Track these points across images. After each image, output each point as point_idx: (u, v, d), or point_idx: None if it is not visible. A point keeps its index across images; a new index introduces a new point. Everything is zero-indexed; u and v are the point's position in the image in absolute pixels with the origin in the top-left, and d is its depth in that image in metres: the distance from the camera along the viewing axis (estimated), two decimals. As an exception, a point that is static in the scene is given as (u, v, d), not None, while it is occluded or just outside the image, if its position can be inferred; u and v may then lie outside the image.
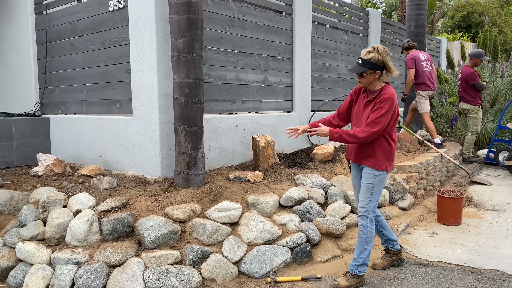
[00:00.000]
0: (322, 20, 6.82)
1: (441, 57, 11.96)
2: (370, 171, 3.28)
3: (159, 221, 3.53)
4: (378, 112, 3.15)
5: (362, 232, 3.29)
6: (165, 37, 4.37)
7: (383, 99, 3.16)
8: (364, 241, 3.29)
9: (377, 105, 3.17)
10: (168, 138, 4.47)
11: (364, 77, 3.23)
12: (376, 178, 3.27)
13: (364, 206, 3.29)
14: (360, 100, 3.38)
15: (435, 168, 6.25)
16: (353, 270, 3.31)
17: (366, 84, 3.29)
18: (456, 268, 3.65)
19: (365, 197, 3.29)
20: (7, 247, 3.76)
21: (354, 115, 3.43)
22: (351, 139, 3.18)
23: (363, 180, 3.32)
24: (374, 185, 3.27)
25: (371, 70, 3.19)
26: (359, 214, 3.32)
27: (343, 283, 3.27)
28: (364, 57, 3.20)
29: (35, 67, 6.02)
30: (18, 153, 5.48)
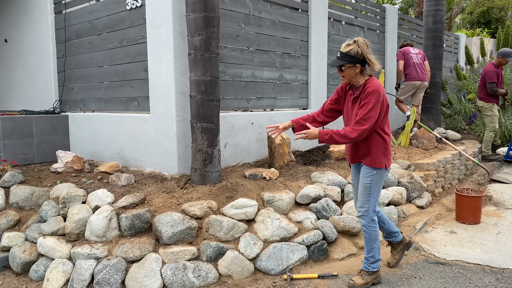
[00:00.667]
0: (338, 16, 6.78)
1: (460, 53, 11.76)
2: (367, 170, 3.20)
3: (177, 217, 3.56)
4: (365, 108, 3.01)
5: (365, 232, 3.26)
6: (182, 35, 4.40)
7: (368, 93, 3.02)
8: (369, 240, 3.26)
9: (363, 100, 3.04)
10: (184, 135, 4.51)
11: (343, 71, 3.10)
12: (374, 176, 3.18)
13: (363, 206, 3.23)
14: (348, 98, 3.25)
15: (453, 166, 6.17)
16: (366, 267, 3.30)
17: (348, 80, 3.15)
18: (475, 267, 3.60)
19: (363, 197, 3.22)
20: (28, 241, 3.85)
21: (344, 114, 3.33)
22: (343, 139, 3.05)
23: (361, 179, 3.24)
24: (372, 184, 3.19)
25: (350, 64, 3.05)
26: (359, 214, 3.27)
27: (359, 281, 3.26)
28: (343, 50, 3.07)
29: (54, 66, 6.13)
30: (38, 150, 5.59)
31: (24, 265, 3.65)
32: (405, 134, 6.59)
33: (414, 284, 3.30)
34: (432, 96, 8.08)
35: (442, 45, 8.11)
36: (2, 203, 4.24)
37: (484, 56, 9.87)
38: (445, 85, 9.39)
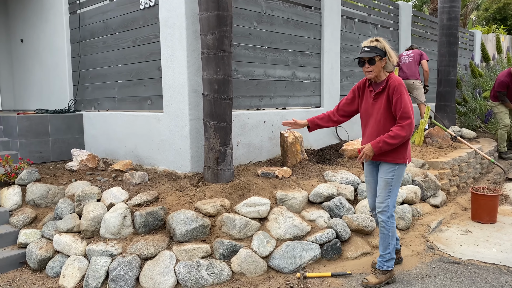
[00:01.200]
0: (351, 14, 6.73)
1: (475, 50, 11.59)
2: (389, 165, 3.21)
3: (190, 215, 3.59)
4: (401, 101, 3.07)
5: (384, 228, 3.24)
6: (195, 34, 4.42)
7: (395, 87, 3.10)
8: (387, 236, 3.25)
9: (395, 95, 3.09)
10: (197, 134, 4.53)
11: (374, 63, 3.14)
12: (396, 172, 3.20)
13: (383, 201, 3.23)
14: (367, 95, 3.29)
15: (468, 164, 6.08)
16: (381, 266, 3.28)
17: (376, 73, 3.18)
18: (491, 267, 3.55)
19: (384, 192, 3.23)
20: (45, 238, 3.91)
21: (363, 112, 3.35)
22: (396, 140, 3.08)
23: (382, 175, 3.24)
24: (393, 179, 3.21)
25: (380, 56, 3.14)
26: (378, 210, 3.26)
27: (373, 280, 3.24)
28: (371, 44, 3.16)
29: (69, 65, 6.20)
30: (53, 149, 5.67)
31: (40, 262, 3.71)
32: (419, 133, 6.52)
33: (429, 284, 3.27)
34: (446, 94, 7.98)
35: (457, 42, 7.99)
36: (19, 200, 4.32)
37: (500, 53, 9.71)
38: (460, 82, 9.26)
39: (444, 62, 7.94)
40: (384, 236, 3.26)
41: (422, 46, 8.86)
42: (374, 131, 3.24)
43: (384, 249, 3.28)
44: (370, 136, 3.28)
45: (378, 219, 3.27)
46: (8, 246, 3.99)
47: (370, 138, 3.26)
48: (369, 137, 3.28)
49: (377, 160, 3.27)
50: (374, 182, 3.41)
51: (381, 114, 3.19)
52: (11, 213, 4.24)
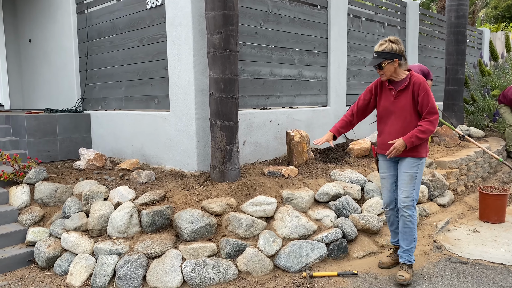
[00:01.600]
0: (358, 12, 6.70)
1: (484, 49, 11.49)
2: (413, 160, 3.28)
3: (196, 214, 3.60)
4: (427, 97, 3.19)
5: (410, 222, 3.30)
6: (201, 34, 4.43)
7: (419, 84, 3.20)
8: (413, 230, 3.31)
9: (421, 92, 3.20)
10: (204, 133, 4.54)
11: (383, 68, 3.25)
12: (420, 166, 3.30)
13: (409, 195, 3.29)
14: (387, 94, 3.37)
15: (476, 163, 6.04)
16: (409, 260, 3.35)
17: (388, 76, 3.30)
18: (499, 267, 3.52)
19: (409, 187, 3.29)
20: (53, 237, 3.94)
21: (382, 110, 3.40)
22: (426, 135, 3.19)
23: (406, 170, 3.30)
24: (417, 173, 3.30)
25: (389, 60, 3.22)
26: (404, 205, 3.29)
27: (407, 275, 3.27)
28: (378, 50, 3.26)
29: (76, 65, 6.24)
30: (61, 148, 5.71)
31: (48, 260, 3.74)
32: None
33: (436, 284, 3.25)
34: (454, 93, 7.92)
35: (465, 40, 7.93)
36: (28, 199, 4.36)
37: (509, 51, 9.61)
38: (468, 81, 9.18)
39: (452, 61, 7.88)
40: (409, 230, 3.32)
41: (430, 45, 8.81)
42: (400, 127, 3.30)
43: (409, 243, 3.34)
44: (392, 133, 3.33)
45: (404, 214, 3.31)
46: (16, 244, 4.04)
47: (394, 135, 3.31)
48: (392, 134, 3.33)
49: (402, 156, 3.32)
50: (392, 177, 3.45)
51: (406, 111, 3.27)
52: (20, 211, 4.28)
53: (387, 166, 3.47)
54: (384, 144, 3.42)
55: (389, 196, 3.49)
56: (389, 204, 3.51)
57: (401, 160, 3.34)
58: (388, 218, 3.56)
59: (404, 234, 3.33)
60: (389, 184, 3.48)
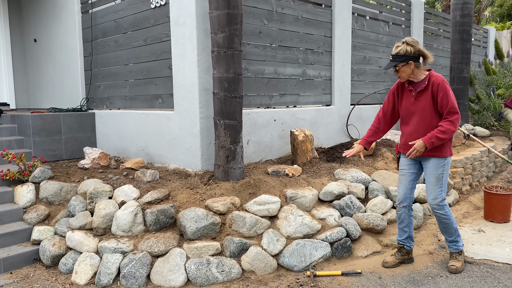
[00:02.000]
0: (362, 11, 6.68)
1: (489, 47, 11.43)
2: (438, 161, 3.30)
3: (200, 213, 3.60)
4: (447, 97, 3.19)
5: (446, 218, 3.36)
6: (205, 33, 4.43)
7: (438, 84, 3.21)
8: (451, 223, 3.39)
9: (440, 91, 3.20)
10: (208, 132, 4.54)
11: (399, 71, 3.29)
12: (445, 166, 3.33)
13: (437, 197, 3.33)
14: (407, 94, 3.38)
15: (481, 163, 6.01)
16: (457, 248, 3.47)
17: (406, 77, 3.33)
18: (504, 267, 3.51)
19: (436, 188, 3.32)
20: (58, 235, 3.96)
21: (403, 111, 3.43)
22: (447, 135, 3.19)
23: (431, 172, 3.32)
24: (443, 174, 3.33)
25: (403, 62, 3.25)
26: (434, 207, 3.35)
27: (458, 264, 3.39)
28: (393, 53, 3.30)
29: (81, 64, 6.27)
30: (66, 147, 5.74)
31: (53, 258, 3.76)
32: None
33: (440, 283, 3.24)
34: (459, 92, 7.88)
35: (470, 39, 7.89)
36: (33, 198, 4.38)
37: (515, 50, 9.55)
38: (473, 80, 9.14)
39: (457, 60, 7.84)
40: (447, 225, 3.39)
41: (435, 44, 8.77)
42: (421, 128, 3.31)
43: (451, 235, 3.43)
44: (414, 133, 3.35)
45: (436, 214, 3.38)
46: (22, 242, 4.06)
47: (416, 136, 3.34)
48: (413, 134, 3.36)
49: (425, 156, 3.34)
50: (411, 175, 3.49)
51: (427, 111, 3.29)
52: (25, 210, 4.31)
53: (408, 164, 3.49)
54: (406, 145, 3.45)
55: (405, 193, 3.52)
56: (403, 201, 3.53)
57: (425, 161, 3.37)
58: (399, 215, 3.57)
59: (444, 229, 3.42)
60: (406, 181, 3.50)
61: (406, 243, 3.58)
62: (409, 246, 3.59)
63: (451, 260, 3.46)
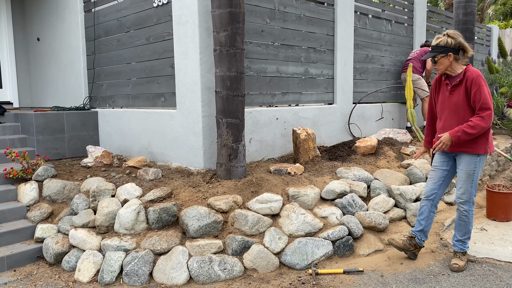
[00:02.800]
0: (365, 10, 6.67)
1: (492, 46, 11.39)
2: (470, 157, 3.29)
3: (203, 211, 3.62)
4: (480, 92, 3.15)
5: (466, 216, 3.37)
6: (207, 31, 4.44)
7: (473, 79, 3.18)
8: (468, 223, 3.39)
9: (473, 87, 3.18)
10: (210, 130, 4.55)
11: (437, 62, 3.28)
12: (477, 163, 3.30)
13: (465, 192, 3.33)
14: (443, 88, 3.39)
15: (484, 162, 6.00)
16: (462, 248, 3.47)
17: (443, 70, 3.32)
18: (506, 265, 3.51)
19: (466, 184, 3.32)
20: (61, 233, 3.98)
21: (440, 105, 3.42)
22: (475, 130, 3.15)
23: (463, 168, 3.32)
24: (475, 171, 3.30)
25: (443, 53, 3.24)
26: (460, 201, 3.35)
27: (461, 263, 3.40)
28: (433, 44, 3.30)
29: (84, 63, 6.29)
30: (69, 145, 5.76)
31: (56, 256, 3.78)
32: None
33: (442, 281, 3.24)
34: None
35: (473, 37, 7.86)
36: (36, 196, 4.40)
37: (518, 48, 9.52)
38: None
39: (460, 58, 7.82)
40: (465, 223, 3.40)
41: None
42: (453, 123, 3.31)
43: (463, 234, 3.44)
44: (446, 128, 3.36)
45: (460, 208, 3.39)
46: (25, 240, 4.09)
47: (447, 130, 3.33)
48: (446, 129, 3.36)
49: (456, 151, 3.34)
50: (442, 172, 3.48)
51: (459, 106, 3.27)
52: (28, 208, 4.33)
53: (441, 161, 3.49)
54: (437, 139, 3.45)
55: (432, 188, 3.52)
56: (429, 195, 3.54)
57: (458, 157, 3.37)
58: (421, 207, 3.59)
59: (459, 226, 3.43)
60: (437, 177, 3.51)
61: (418, 235, 3.59)
62: (420, 240, 3.59)
63: (454, 259, 3.47)
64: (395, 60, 7.41)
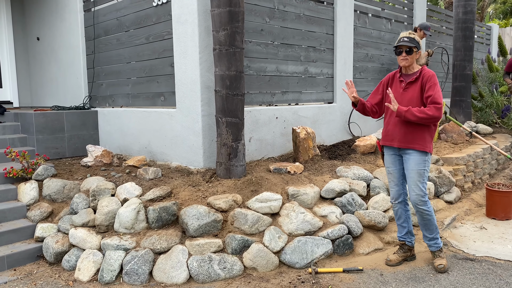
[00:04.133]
0: (364, 9, 6.67)
1: (492, 44, 11.38)
2: (419, 156, 3.30)
3: (202, 210, 3.62)
4: (433, 88, 3.22)
5: (428, 215, 3.37)
6: (207, 31, 4.44)
7: (429, 77, 3.26)
8: (432, 219, 3.39)
9: (428, 83, 3.25)
10: (210, 129, 4.56)
11: (411, 54, 3.33)
12: (426, 162, 3.33)
13: (419, 192, 3.33)
14: (396, 85, 3.44)
15: (484, 160, 6.00)
16: (438, 246, 3.46)
17: (408, 64, 3.36)
18: (506, 264, 3.51)
19: (419, 183, 3.32)
20: (61, 232, 3.99)
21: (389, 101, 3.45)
22: (421, 115, 3.19)
23: (413, 167, 3.32)
24: (425, 169, 3.33)
25: (416, 49, 3.33)
26: (417, 202, 3.34)
27: (444, 261, 3.39)
28: (410, 36, 3.33)
29: (84, 62, 6.29)
30: (69, 145, 5.77)
31: (56, 255, 3.79)
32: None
33: (442, 280, 3.25)
34: (462, 89, 7.86)
35: (473, 36, 7.86)
36: (36, 195, 4.41)
37: (518, 47, 9.51)
38: (476, 77, 9.11)
39: (460, 57, 7.82)
40: (429, 221, 3.40)
41: (437, 41, 8.74)
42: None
43: (432, 232, 3.44)
44: (398, 124, 3.36)
45: (419, 210, 3.37)
46: (25, 239, 4.09)
47: (399, 127, 3.35)
48: (397, 125, 3.36)
49: (405, 147, 3.34)
50: (398, 171, 3.50)
51: (413, 103, 3.31)
52: (28, 207, 4.34)
53: (392, 161, 3.50)
54: (387, 135, 3.46)
55: (397, 190, 3.53)
56: (397, 198, 3.55)
57: (406, 155, 3.36)
58: (395, 211, 3.59)
59: (425, 226, 3.42)
60: (396, 178, 3.52)
61: (406, 238, 3.59)
62: (410, 242, 3.60)
63: (436, 259, 3.43)
64: (395, 59, 7.41)
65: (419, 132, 3.30)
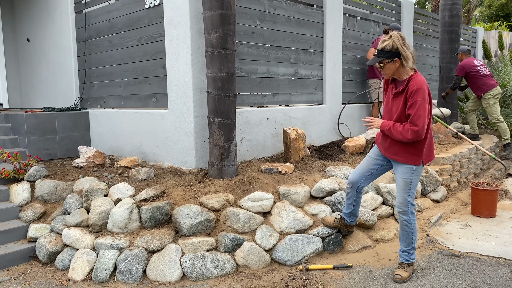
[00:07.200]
0: (353, 12, 6.80)
1: (477, 47, 11.62)
2: (405, 167, 3.23)
3: (195, 209, 3.68)
4: (413, 108, 3.03)
5: (407, 226, 3.28)
6: (199, 33, 4.51)
7: (412, 92, 3.04)
8: (410, 234, 3.30)
9: (410, 100, 3.06)
10: (202, 130, 4.62)
11: (383, 67, 3.14)
12: (414, 173, 3.22)
13: (402, 201, 3.26)
14: (390, 91, 3.30)
15: (469, 160, 6.15)
16: (407, 260, 3.34)
17: (390, 75, 3.18)
18: (489, 259, 3.63)
19: (403, 192, 3.24)
20: (54, 233, 4.01)
21: (385, 105, 3.39)
22: (398, 136, 3.11)
23: (401, 176, 3.25)
24: (412, 180, 3.23)
25: (388, 59, 3.09)
26: (399, 210, 3.29)
27: (405, 274, 3.26)
28: (379, 48, 3.12)
29: (75, 64, 6.30)
30: (60, 146, 5.78)
31: (50, 255, 3.81)
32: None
33: (428, 276, 3.35)
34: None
35: (459, 39, 8.04)
36: (28, 196, 4.42)
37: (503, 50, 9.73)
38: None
39: (446, 59, 7.99)
40: (407, 233, 3.30)
41: (424, 43, 8.92)
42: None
43: (407, 245, 3.33)
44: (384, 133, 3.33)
45: (400, 219, 3.31)
46: (18, 240, 4.10)
47: (384, 135, 3.33)
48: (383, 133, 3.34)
49: (390, 157, 3.30)
50: (375, 164, 3.43)
51: (397, 114, 3.19)
52: (21, 208, 4.35)
53: (377, 154, 3.44)
54: (378, 140, 3.45)
55: (359, 177, 3.50)
56: (354, 184, 3.53)
57: (395, 163, 3.32)
58: (347, 193, 3.61)
59: (402, 236, 3.34)
60: (366, 166, 3.46)
61: (347, 217, 3.69)
62: (349, 222, 3.72)
63: (399, 269, 3.32)
64: (383, 61, 7.52)
65: (401, 145, 3.22)
